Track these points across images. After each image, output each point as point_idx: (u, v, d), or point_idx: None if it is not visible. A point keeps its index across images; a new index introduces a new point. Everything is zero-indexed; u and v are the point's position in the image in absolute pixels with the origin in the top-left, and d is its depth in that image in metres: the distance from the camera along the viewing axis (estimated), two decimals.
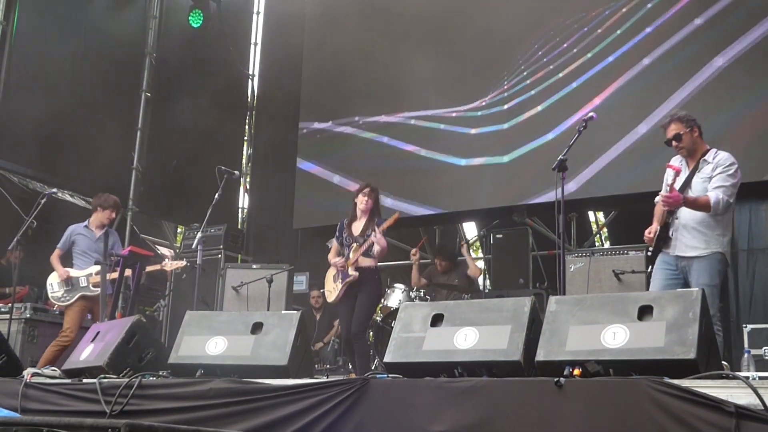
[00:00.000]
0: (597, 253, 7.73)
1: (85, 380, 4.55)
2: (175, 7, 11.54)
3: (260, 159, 12.48)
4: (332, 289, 6.51)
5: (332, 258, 6.62)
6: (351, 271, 6.34)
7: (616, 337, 3.26)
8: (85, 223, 7.46)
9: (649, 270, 5.31)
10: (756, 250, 8.03)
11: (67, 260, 7.35)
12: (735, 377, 2.96)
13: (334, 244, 6.75)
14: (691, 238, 4.96)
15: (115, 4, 10.75)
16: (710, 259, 4.91)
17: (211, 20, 11.19)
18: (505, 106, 9.46)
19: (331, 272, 6.57)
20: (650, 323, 3.24)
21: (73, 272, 7.19)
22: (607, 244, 10.90)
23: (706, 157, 5.07)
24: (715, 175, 4.95)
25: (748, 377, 2.93)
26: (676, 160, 5.22)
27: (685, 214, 4.99)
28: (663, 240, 5.07)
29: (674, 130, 5.09)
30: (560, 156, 5.21)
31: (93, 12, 10.37)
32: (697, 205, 4.89)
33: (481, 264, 9.87)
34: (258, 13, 12.92)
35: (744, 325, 6.22)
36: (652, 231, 5.13)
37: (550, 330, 3.43)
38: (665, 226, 5.05)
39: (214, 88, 11.49)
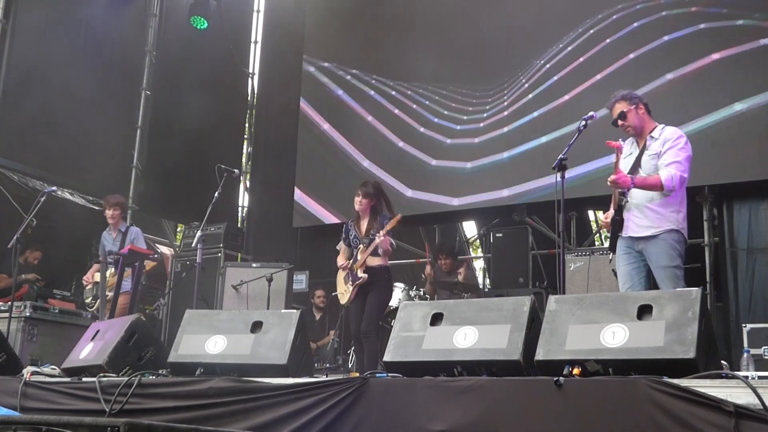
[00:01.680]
0: (597, 252, 7.74)
1: (84, 379, 4.55)
2: (175, 6, 11.52)
3: (260, 157, 12.47)
4: (344, 291, 6.55)
5: (340, 262, 6.65)
6: (360, 273, 6.37)
7: (615, 337, 3.26)
8: (108, 227, 7.72)
9: (610, 258, 5.21)
10: (755, 250, 8.02)
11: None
12: (734, 377, 2.95)
13: (341, 246, 6.75)
14: (643, 217, 4.85)
15: (115, 3, 10.73)
16: (665, 238, 4.78)
17: (211, 19, 11.18)
18: (506, 104, 9.47)
19: (341, 274, 6.60)
20: (650, 322, 3.24)
21: (97, 277, 7.47)
22: (606, 243, 10.90)
23: (652, 134, 4.99)
24: (664, 151, 4.85)
25: (747, 377, 2.93)
26: (628, 143, 5.13)
27: (636, 194, 4.88)
28: (618, 223, 4.96)
29: (619, 109, 5.03)
30: (560, 155, 5.20)
31: (93, 10, 10.35)
32: (647, 185, 4.80)
33: (480, 263, 9.87)
34: (258, 11, 12.91)
35: (743, 325, 6.23)
36: (608, 216, 5.06)
37: (550, 329, 3.43)
38: (619, 209, 4.97)
39: (214, 87, 11.48)
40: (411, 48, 10.29)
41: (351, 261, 6.51)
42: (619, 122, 5.05)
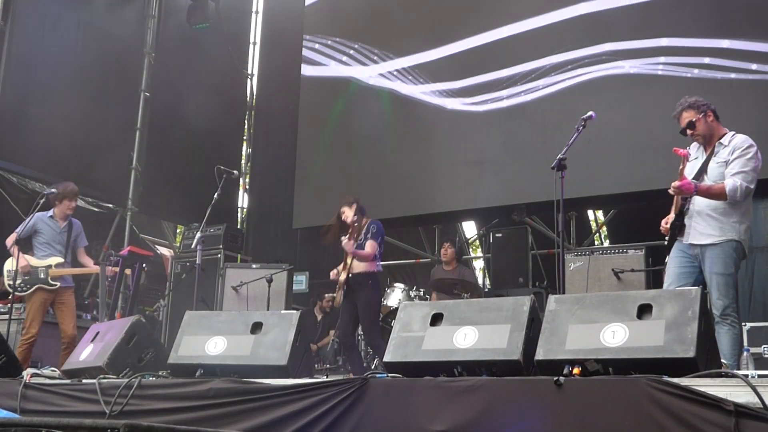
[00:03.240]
0: (596, 252, 7.74)
1: (84, 380, 4.55)
2: (173, 7, 11.54)
3: (259, 158, 12.49)
4: (336, 296, 6.74)
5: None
6: (342, 277, 6.54)
7: (615, 336, 3.26)
8: (50, 213, 7.25)
9: (665, 259, 5.16)
10: (755, 249, 8.02)
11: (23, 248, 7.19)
12: (734, 376, 2.95)
13: None
14: (706, 225, 4.76)
15: (114, 4, 10.74)
16: (724, 246, 4.69)
17: (209, 20, 11.19)
18: (505, 105, 9.47)
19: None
20: (649, 322, 3.24)
21: (32, 261, 7.03)
22: (606, 243, 10.91)
23: (722, 140, 4.85)
24: (732, 160, 4.72)
25: (747, 375, 2.93)
26: (694, 147, 5.02)
27: (699, 200, 4.77)
28: (678, 228, 4.87)
29: (687, 118, 4.88)
30: (559, 155, 5.20)
31: (91, 12, 10.37)
32: (711, 193, 4.69)
33: (480, 263, 9.87)
34: (257, 12, 12.93)
35: (743, 324, 6.22)
36: (668, 220, 4.95)
37: (550, 329, 3.43)
38: (680, 214, 4.87)
39: (213, 88, 11.51)
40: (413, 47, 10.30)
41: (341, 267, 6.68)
42: (688, 132, 4.91)
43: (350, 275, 6.52)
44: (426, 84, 10.07)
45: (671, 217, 4.95)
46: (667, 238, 5.01)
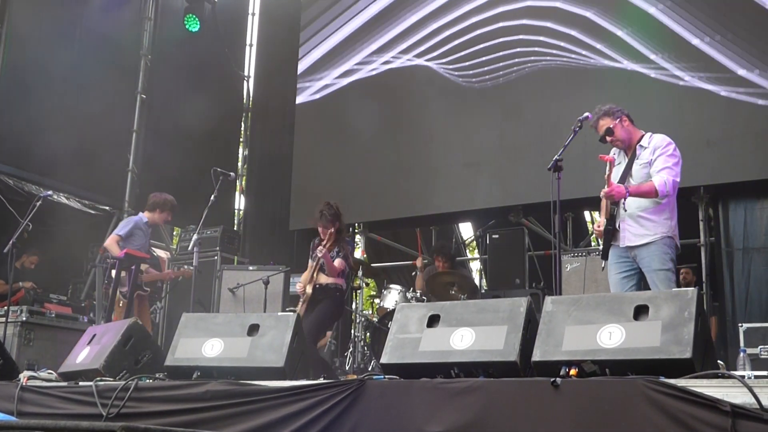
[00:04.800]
0: (593, 253, 7.74)
1: (81, 383, 4.54)
2: (170, 9, 11.55)
3: (256, 160, 12.48)
4: (299, 308, 6.55)
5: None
6: (308, 290, 6.44)
7: (612, 337, 3.26)
8: (146, 219, 7.45)
9: (603, 266, 5.29)
10: (751, 250, 8.04)
11: None
12: (731, 376, 2.96)
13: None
14: (638, 226, 4.94)
15: (110, 6, 10.74)
16: (658, 244, 4.88)
17: (206, 22, 11.20)
18: (501, 106, 9.49)
19: None
20: (646, 323, 3.25)
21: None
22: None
23: (641, 143, 5.06)
24: (655, 159, 4.92)
25: (743, 376, 2.94)
26: (615, 153, 5.21)
27: (630, 203, 4.95)
28: (611, 233, 5.03)
29: (604, 126, 5.08)
30: (555, 156, 5.22)
31: (88, 14, 10.36)
32: (641, 192, 4.87)
33: (477, 265, 9.85)
34: (253, 14, 12.93)
35: (740, 324, 6.23)
36: (600, 225, 5.12)
37: (547, 330, 3.43)
38: (611, 219, 5.03)
39: (209, 90, 11.52)
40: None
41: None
42: (607, 138, 5.09)
43: (317, 285, 6.46)
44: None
45: (603, 221, 5.11)
46: (601, 243, 5.18)
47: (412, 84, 10.25)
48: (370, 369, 7.40)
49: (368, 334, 8.17)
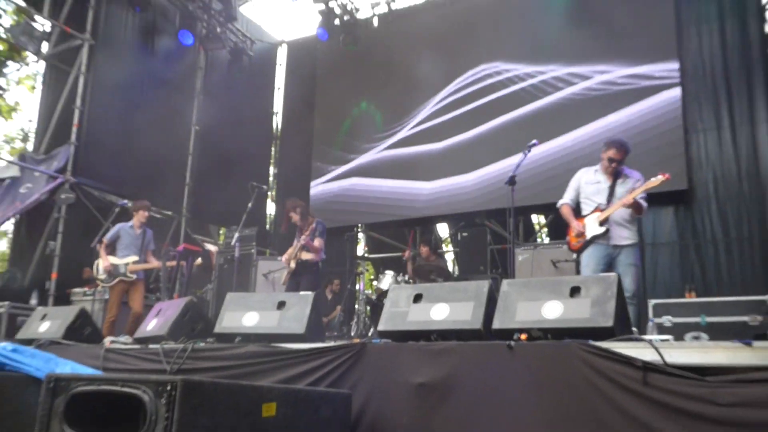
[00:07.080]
0: (539, 247, 7.76)
1: (150, 346, 4.54)
2: (217, 61, 11.62)
3: (283, 176, 12.47)
4: (284, 277, 6.62)
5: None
6: (291, 264, 6.45)
7: (553, 311, 3.26)
8: (130, 223, 7.35)
9: (575, 257, 5.31)
10: (659, 244, 8.08)
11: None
12: (642, 340, 2.97)
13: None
14: (623, 230, 5.04)
15: (171, 59, 10.74)
16: (635, 246, 5.06)
17: (244, 71, 11.24)
18: (467, 135, 9.50)
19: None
20: (579, 300, 3.24)
21: (113, 260, 7.13)
22: (546, 240, 10.94)
23: (626, 173, 5.16)
24: (637, 187, 5.01)
25: (651, 340, 2.95)
26: (591, 171, 5.27)
27: (617, 214, 5.03)
28: (602, 235, 5.03)
29: (619, 155, 5.12)
30: (511, 173, 5.24)
31: (153, 63, 10.38)
32: (640, 209, 5.00)
33: (451, 256, 9.81)
34: (281, 65, 12.93)
35: (649, 300, 6.25)
36: (576, 231, 5.14)
37: (503, 305, 3.43)
38: (603, 221, 5.05)
39: (247, 123, 11.54)
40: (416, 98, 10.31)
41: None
42: (614, 164, 5.13)
43: (299, 261, 6.40)
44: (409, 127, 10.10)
45: (578, 228, 5.11)
46: (575, 243, 5.17)
47: None
48: (369, 335, 7.40)
49: (368, 308, 8.15)
